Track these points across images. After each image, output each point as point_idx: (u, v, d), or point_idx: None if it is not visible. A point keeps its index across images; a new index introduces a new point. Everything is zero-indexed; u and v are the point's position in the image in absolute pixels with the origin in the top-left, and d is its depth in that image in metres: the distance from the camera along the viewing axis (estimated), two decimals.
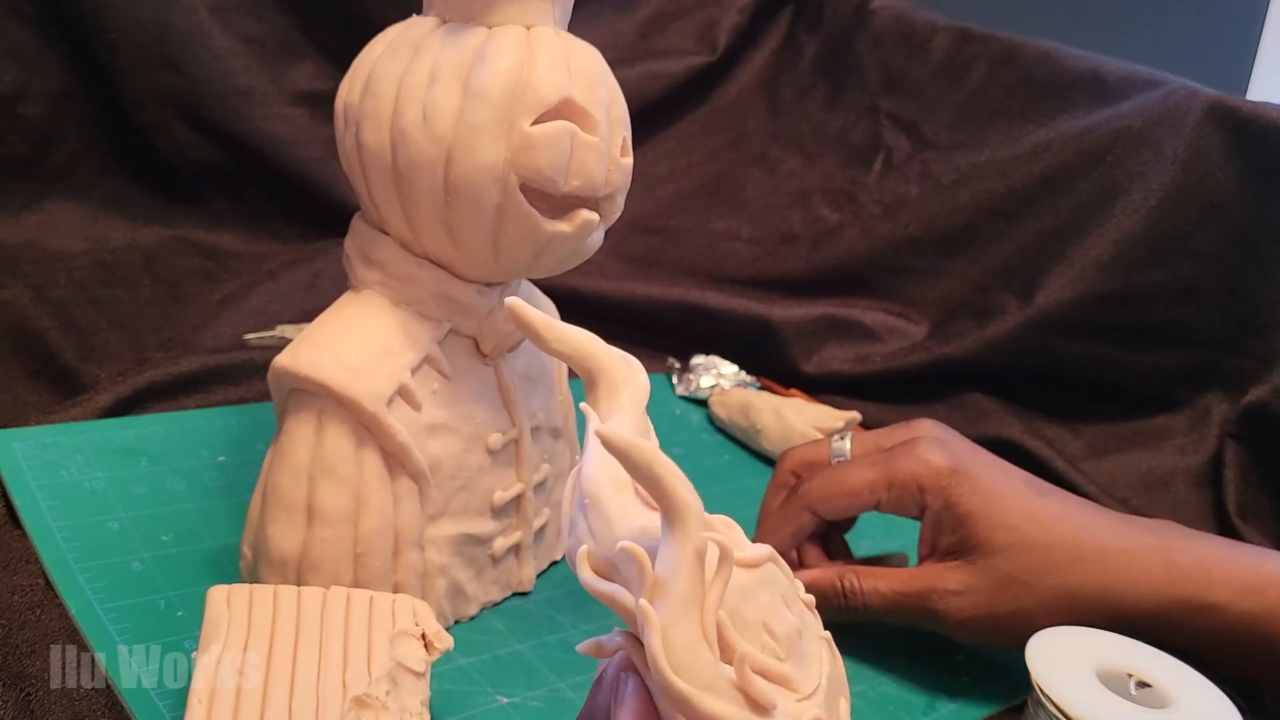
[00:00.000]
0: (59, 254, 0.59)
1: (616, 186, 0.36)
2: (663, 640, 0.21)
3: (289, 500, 0.35)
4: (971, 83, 0.71)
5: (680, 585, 0.21)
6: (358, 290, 0.37)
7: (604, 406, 0.26)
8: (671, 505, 0.22)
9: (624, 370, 0.26)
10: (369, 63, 0.35)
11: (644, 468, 0.21)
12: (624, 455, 0.21)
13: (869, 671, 0.41)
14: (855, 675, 0.39)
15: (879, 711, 0.39)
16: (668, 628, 0.21)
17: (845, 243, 0.72)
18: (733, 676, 0.22)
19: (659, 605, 0.21)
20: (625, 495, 0.24)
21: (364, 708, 0.30)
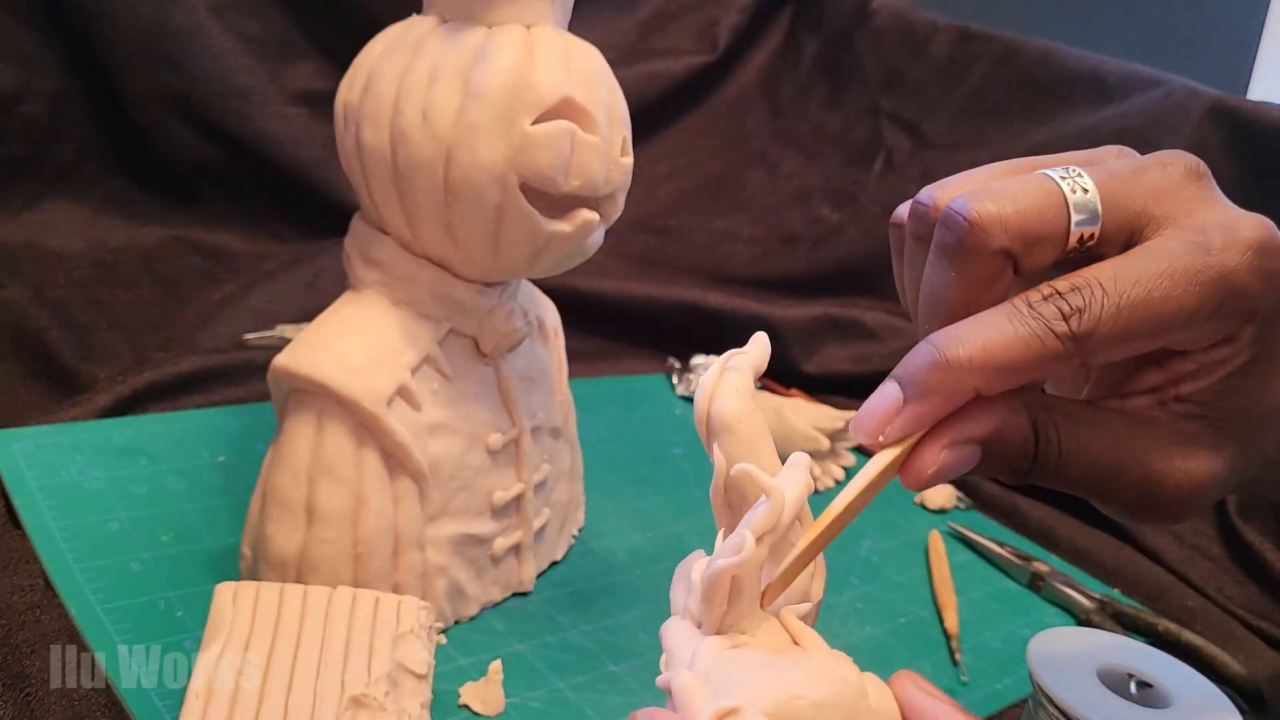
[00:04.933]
0: (58, 254, 0.59)
1: (617, 186, 0.36)
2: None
3: (289, 500, 0.35)
4: (972, 82, 0.71)
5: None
6: (357, 290, 0.37)
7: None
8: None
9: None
10: (369, 62, 0.35)
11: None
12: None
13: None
14: None
15: None
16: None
17: (846, 242, 0.72)
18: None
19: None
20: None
21: (361, 708, 0.30)
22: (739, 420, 0.22)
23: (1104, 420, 0.24)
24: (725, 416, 0.22)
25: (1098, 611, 0.46)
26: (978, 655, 0.43)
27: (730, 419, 0.22)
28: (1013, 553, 0.50)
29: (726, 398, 0.22)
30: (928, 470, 0.23)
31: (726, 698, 0.19)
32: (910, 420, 0.23)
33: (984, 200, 0.23)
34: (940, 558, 0.49)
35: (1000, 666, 0.42)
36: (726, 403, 0.22)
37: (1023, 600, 0.48)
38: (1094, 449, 0.24)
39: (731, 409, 0.22)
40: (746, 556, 0.20)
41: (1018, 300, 0.23)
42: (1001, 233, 0.23)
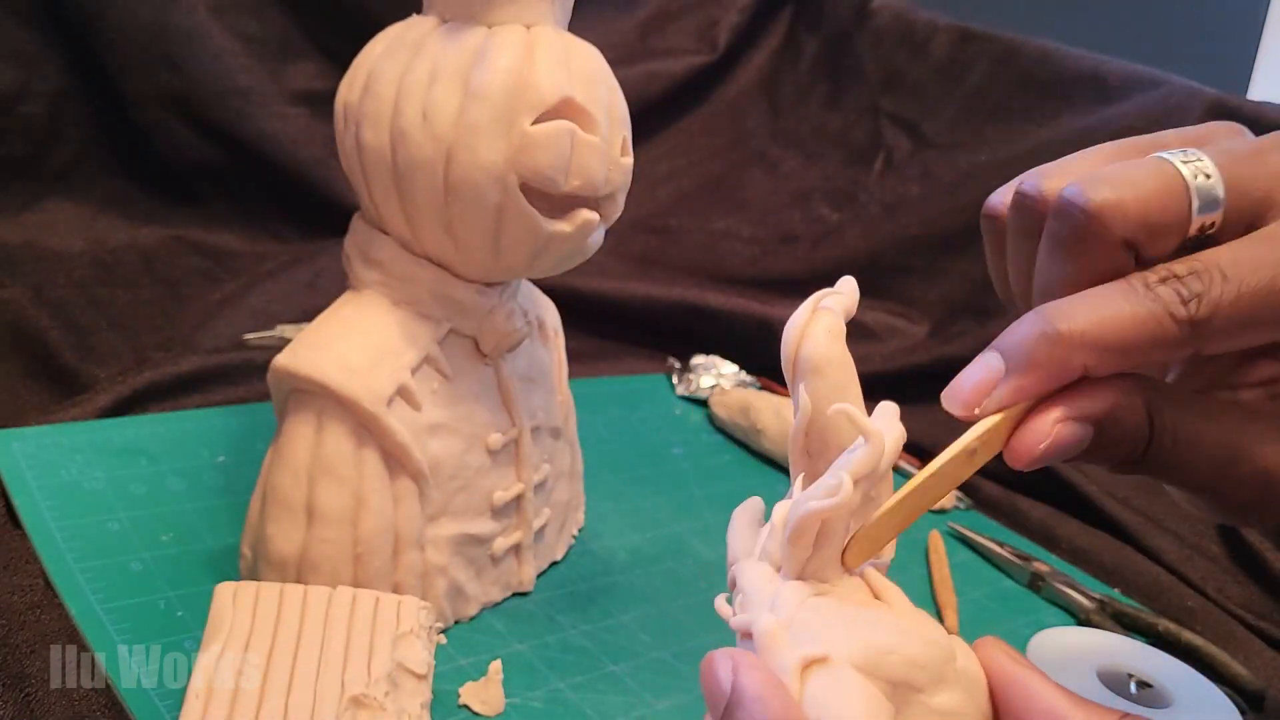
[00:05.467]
0: (58, 254, 0.59)
1: (617, 186, 0.36)
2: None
3: (289, 500, 0.35)
4: (972, 82, 0.71)
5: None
6: (357, 290, 0.37)
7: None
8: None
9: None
10: (369, 62, 0.35)
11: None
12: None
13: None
14: None
15: None
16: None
17: (846, 242, 0.72)
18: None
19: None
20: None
21: (361, 708, 0.30)
22: (829, 363, 0.21)
23: (1219, 411, 0.23)
24: (815, 358, 0.21)
25: (1097, 611, 0.46)
26: None
27: (820, 361, 0.21)
28: (1013, 553, 0.50)
29: (817, 338, 0.21)
30: (1039, 445, 0.21)
31: (813, 645, 0.18)
32: (1011, 392, 0.21)
33: (1100, 187, 0.21)
34: (940, 557, 0.49)
35: None
36: (817, 344, 0.21)
37: (1022, 600, 0.48)
38: (1209, 440, 0.22)
39: (822, 351, 0.21)
40: (843, 499, 0.19)
41: (1134, 279, 0.21)
42: (1122, 222, 0.21)
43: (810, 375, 0.21)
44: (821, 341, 0.21)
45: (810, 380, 0.21)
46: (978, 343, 0.63)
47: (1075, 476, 0.57)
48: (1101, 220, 0.21)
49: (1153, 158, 0.22)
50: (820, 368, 0.21)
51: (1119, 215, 0.21)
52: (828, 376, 0.21)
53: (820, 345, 0.21)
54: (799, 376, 0.22)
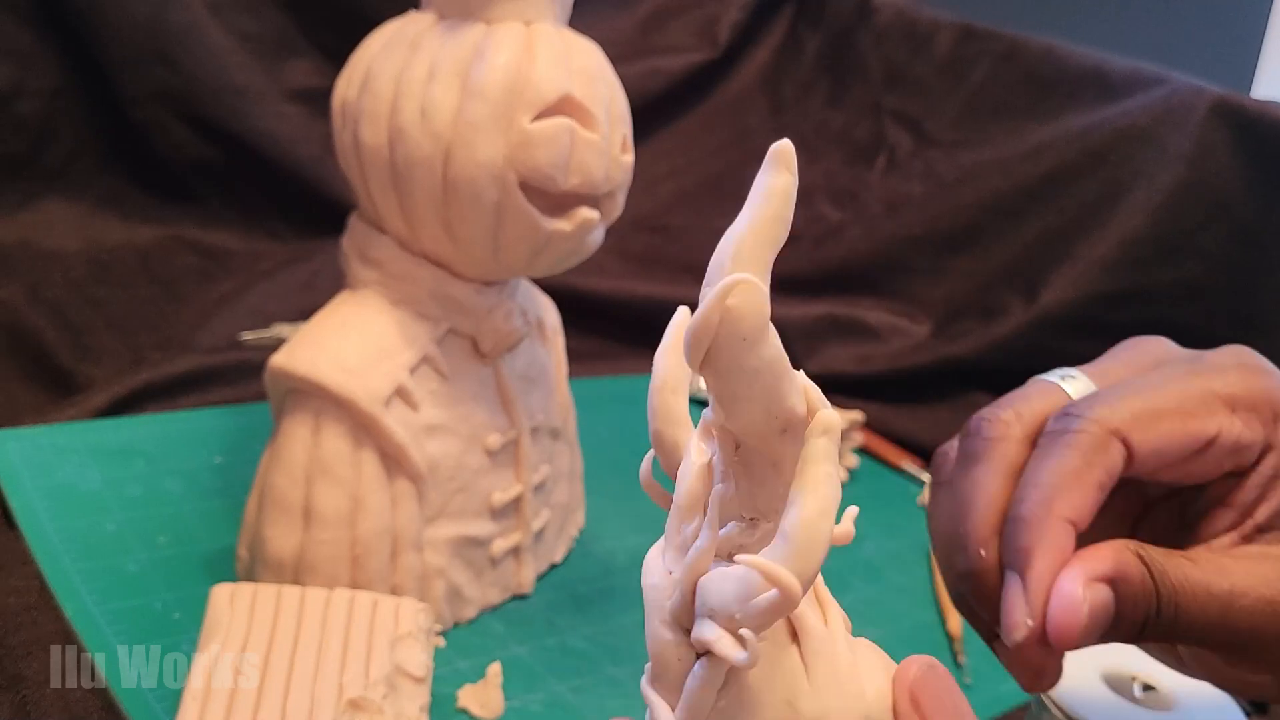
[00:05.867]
0: (54, 253, 0.59)
1: (617, 184, 0.36)
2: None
3: (286, 501, 0.35)
4: (975, 80, 0.70)
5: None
6: (355, 289, 0.37)
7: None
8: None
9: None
10: (367, 59, 0.35)
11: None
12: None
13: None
14: None
15: None
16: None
17: (848, 241, 0.71)
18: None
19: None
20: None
21: (359, 710, 0.29)
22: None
23: (1200, 557, 0.24)
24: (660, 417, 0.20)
25: None
26: (981, 658, 0.42)
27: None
28: None
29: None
30: (1082, 611, 0.22)
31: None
32: (1036, 585, 0.22)
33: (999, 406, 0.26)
34: None
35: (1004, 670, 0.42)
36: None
37: None
38: (1204, 583, 0.23)
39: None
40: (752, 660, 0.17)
41: (1041, 438, 0.24)
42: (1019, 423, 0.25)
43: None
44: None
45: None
46: (980, 342, 0.63)
47: None
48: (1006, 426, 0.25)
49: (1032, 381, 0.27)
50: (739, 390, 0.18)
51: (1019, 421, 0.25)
52: (755, 387, 0.18)
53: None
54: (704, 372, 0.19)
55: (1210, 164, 0.58)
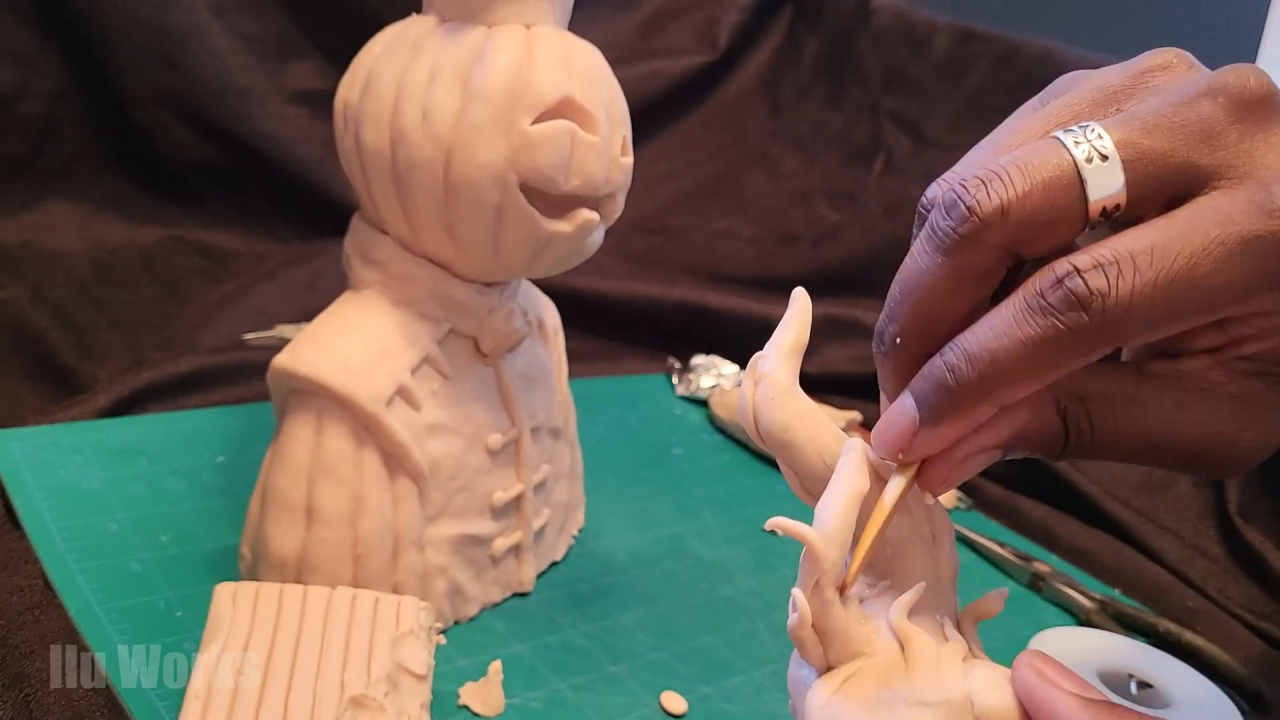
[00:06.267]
0: (57, 254, 0.59)
1: (617, 186, 0.36)
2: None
3: (288, 501, 0.35)
4: (972, 82, 0.70)
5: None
6: (357, 290, 0.37)
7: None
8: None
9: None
10: (368, 62, 0.35)
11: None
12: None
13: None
14: None
15: None
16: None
17: (846, 242, 0.71)
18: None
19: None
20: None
21: (361, 708, 0.30)
22: (786, 430, 0.22)
23: (1150, 395, 0.21)
24: (774, 433, 0.22)
25: (1098, 612, 0.46)
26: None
27: (779, 431, 0.22)
28: (1013, 553, 0.50)
29: (767, 413, 0.22)
30: (941, 483, 0.22)
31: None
32: (927, 443, 0.21)
33: (989, 183, 0.20)
34: None
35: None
36: (769, 419, 0.22)
37: (1023, 601, 0.48)
38: (1137, 426, 0.21)
39: (776, 423, 0.22)
40: (801, 616, 0.20)
41: (1027, 290, 0.19)
42: (1001, 226, 0.19)
43: (778, 449, 0.22)
44: (771, 415, 0.22)
45: (781, 454, 0.23)
46: None
47: (1075, 476, 0.57)
48: (982, 222, 0.20)
49: (1046, 141, 0.20)
50: (782, 439, 0.22)
51: (999, 218, 0.19)
52: (791, 440, 0.22)
53: (772, 419, 0.22)
54: (770, 449, 0.23)
55: None
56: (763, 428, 0.22)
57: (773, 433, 0.22)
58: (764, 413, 0.22)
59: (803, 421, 0.22)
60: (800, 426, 0.22)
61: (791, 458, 0.22)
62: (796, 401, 0.23)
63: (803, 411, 0.23)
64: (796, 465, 0.22)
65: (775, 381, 0.23)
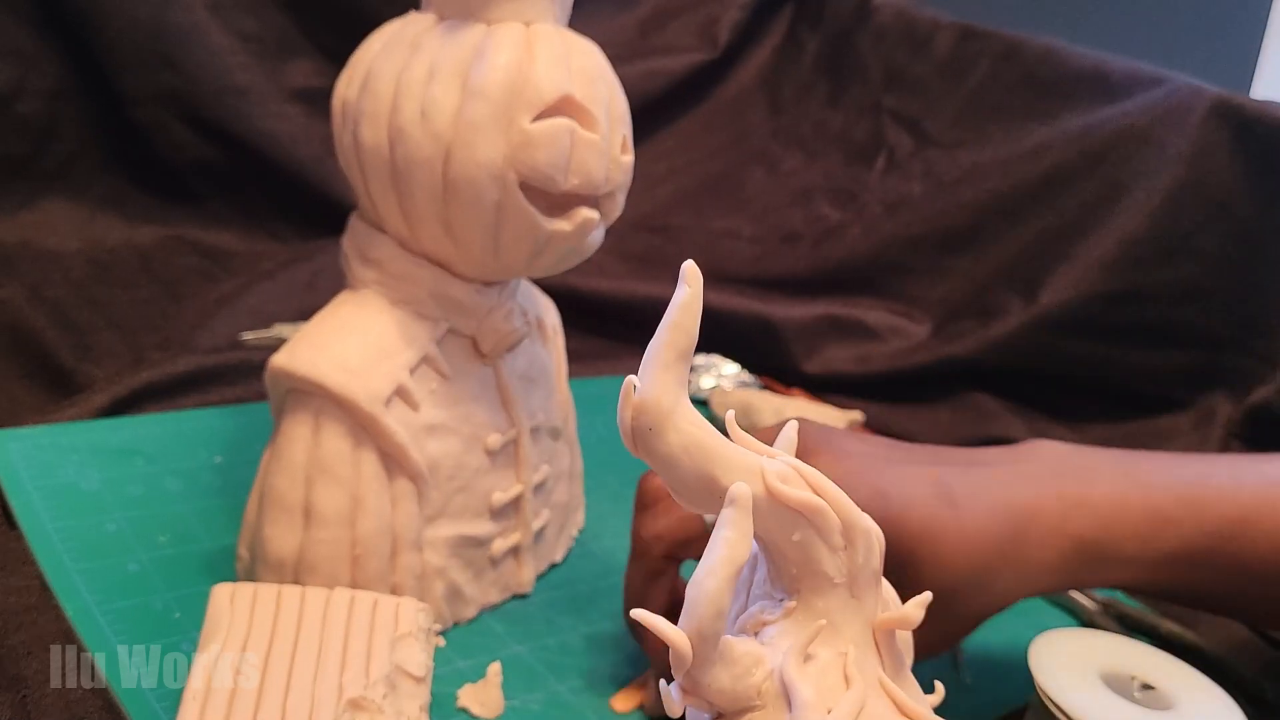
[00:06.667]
0: (55, 253, 0.59)
1: (617, 184, 0.36)
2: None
3: (286, 501, 0.35)
4: (974, 80, 0.70)
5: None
6: (355, 289, 0.37)
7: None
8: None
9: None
10: (367, 60, 0.35)
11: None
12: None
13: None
14: None
15: None
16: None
17: (847, 242, 0.71)
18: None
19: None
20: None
21: (359, 710, 0.29)
22: (669, 467, 0.21)
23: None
24: (657, 468, 0.21)
25: (1100, 613, 0.46)
26: (980, 658, 0.42)
27: (660, 469, 0.21)
28: None
29: (647, 445, 0.21)
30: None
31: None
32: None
33: (650, 523, 0.33)
34: None
35: (1003, 669, 0.42)
36: (649, 451, 0.21)
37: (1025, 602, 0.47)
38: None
39: (657, 456, 0.21)
40: (671, 709, 0.21)
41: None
42: (659, 544, 0.33)
43: (665, 480, 0.21)
44: (652, 448, 0.21)
45: (667, 481, 0.21)
46: (979, 343, 0.63)
47: None
48: (646, 544, 0.33)
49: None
50: (665, 475, 0.21)
51: (658, 541, 0.33)
52: (679, 476, 0.21)
53: (654, 451, 0.21)
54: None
55: (1209, 164, 0.58)
56: (646, 459, 0.20)
57: (657, 467, 0.20)
58: (643, 445, 0.20)
59: (688, 454, 0.20)
60: (685, 460, 0.20)
61: (677, 491, 0.21)
62: (680, 429, 0.20)
63: (689, 442, 0.20)
64: (682, 498, 0.21)
65: (654, 406, 0.20)
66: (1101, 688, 0.32)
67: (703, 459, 0.21)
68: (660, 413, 0.20)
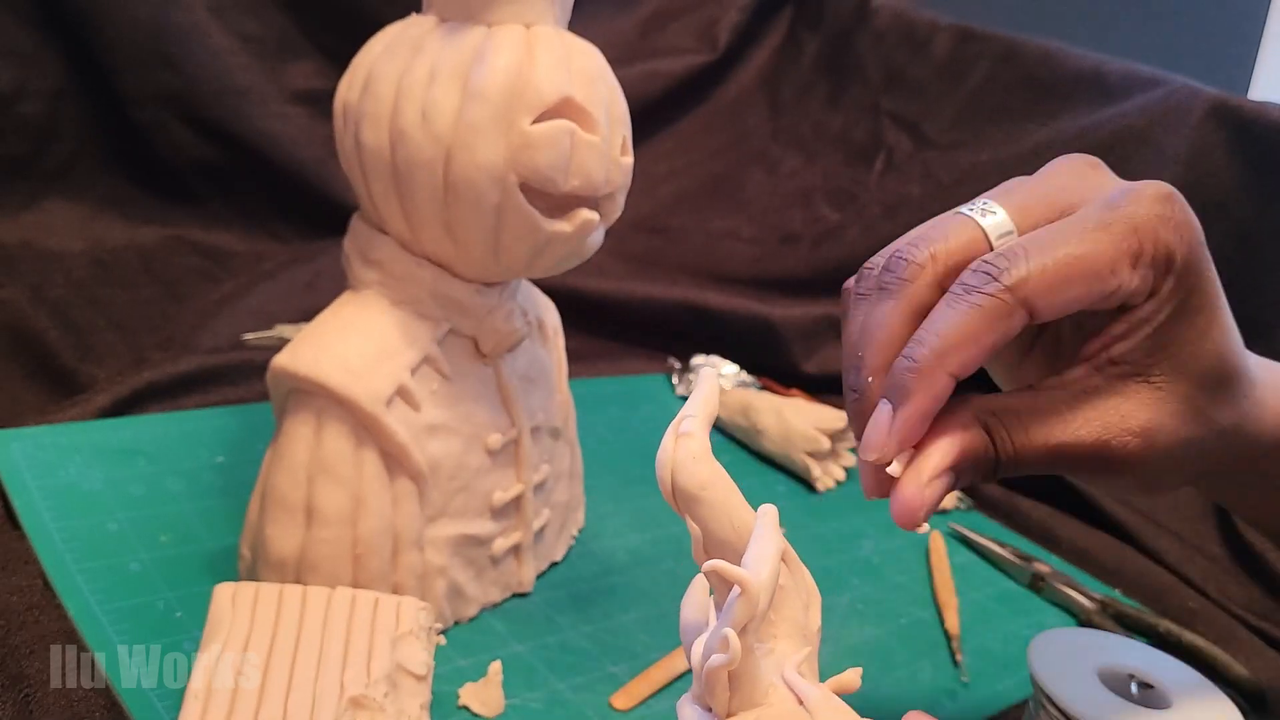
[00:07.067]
0: (57, 254, 0.59)
1: (617, 186, 0.36)
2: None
3: (288, 501, 0.35)
4: (973, 82, 0.70)
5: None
6: (357, 290, 0.37)
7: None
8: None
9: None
10: (368, 62, 0.35)
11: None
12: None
13: (869, 672, 0.41)
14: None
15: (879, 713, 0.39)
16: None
17: (846, 242, 0.71)
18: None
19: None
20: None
21: (360, 708, 0.30)
22: (703, 488, 0.23)
23: (1046, 403, 0.26)
24: (690, 489, 0.23)
25: (1099, 612, 0.46)
26: (979, 656, 0.43)
27: (695, 489, 0.23)
28: (1013, 553, 0.50)
29: (686, 468, 0.23)
30: (919, 513, 0.25)
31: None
32: (902, 425, 0.25)
33: (918, 243, 0.27)
34: (941, 558, 0.49)
35: (1001, 667, 0.42)
36: (688, 474, 0.23)
37: (1023, 601, 0.48)
38: (1040, 434, 0.26)
39: (695, 479, 0.23)
40: (733, 655, 0.21)
41: (953, 286, 0.25)
42: (934, 266, 0.26)
43: (691, 505, 0.23)
44: (691, 470, 0.23)
45: (693, 509, 0.23)
46: None
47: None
48: (919, 265, 0.26)
49: (952, 212, 0.27)
50: (698, 496, 0.23)
51: (931, 261, 0.26)
52: (707, 501, 0.23)
53: (691, 474, 0.23)
54: (682, 508, 0.23)
55: (1207, 165, 0.58)
56: (680, 483, 0.23)
57: (690, 489, 0.23)
58: (683, 468, 0.23)
59: (718, 484, 0.23)
60: (719, 485, 0.23)
61: (703, 515, 0.23)
62: (713, 465, 0.23)
63: (720, 475, 0.23)
64: (706, 524, 0.23)
65: (698, 441, 0.23)
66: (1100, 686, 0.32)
67: (731, 491, 0.23)
68: (703, 447, 0.23)
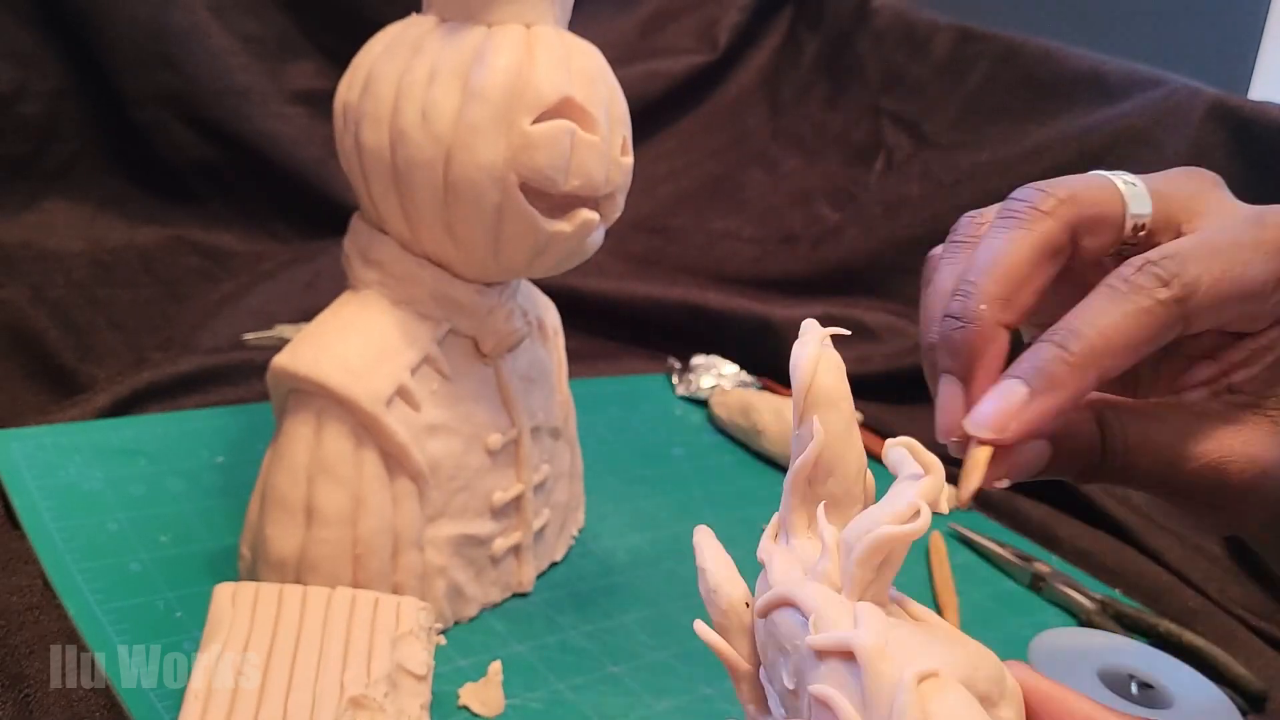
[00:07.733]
0: (57, 254, 0.59)
1: (617, 186, 0.36)
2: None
3: (288, 501, 0.35)
4: (973, 82, 0.70)
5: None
6: (357, 290, 0.37)
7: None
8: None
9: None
10: (368, 62, 0.35)
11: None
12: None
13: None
14: None
15: None
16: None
17: (846, 242, 0.71)
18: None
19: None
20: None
21: (360, 708, 0.30)
22: (843, 397, 0.22)
23: (1165, 414, 0.25)
24: (832, 392, 0.22)
25: (1099, 612, 0.46)
26: None
27: (836, 395, 0.22)
28: (1014, 553, 0.50)
29: (833, 373, 0.22)
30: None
31: (922, 662, 0.19)
32: (1037, 414, 0.23)
33: (1053, 183, 0.25)
34: (941, 558, 0.49)
35: None
36: (834, 379, 0.22)
37: (1024, 601, 0.48)
38: (1158, 441, 0.25)
39: (836, 385, 0.22)
40: (922, 524, 0.20)
41: (1112, 279, 0.24)
42: (1072, 207, 0.25)
43: (825, 408, 0.22)
44: (835, 376, 0.22)
45: (824, 412, 0.23)
46: None
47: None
48: (1057, 201, 0.25)
49: (1091, 173, 0.26)
50: (836, 401, 0.22)
51: (1070, 201, 0.25)
52: (841, 410, 0.22)
53: (834, 380, 0.22)
54: (813, 408, 0.23)
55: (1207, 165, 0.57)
56: (822, 382, 0.22)
57: (830, 393, 0.22)
58: (830, 370, 0.22)
59: (850, 404, 0.23)
60: (848, 405, 0.23)
61: (831, 421, 0.23)
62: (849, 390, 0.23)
63: (851, 400, 0.23)
64: (832, 428, 0.22)
65: (840, 359, 0.23)
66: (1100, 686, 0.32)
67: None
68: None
